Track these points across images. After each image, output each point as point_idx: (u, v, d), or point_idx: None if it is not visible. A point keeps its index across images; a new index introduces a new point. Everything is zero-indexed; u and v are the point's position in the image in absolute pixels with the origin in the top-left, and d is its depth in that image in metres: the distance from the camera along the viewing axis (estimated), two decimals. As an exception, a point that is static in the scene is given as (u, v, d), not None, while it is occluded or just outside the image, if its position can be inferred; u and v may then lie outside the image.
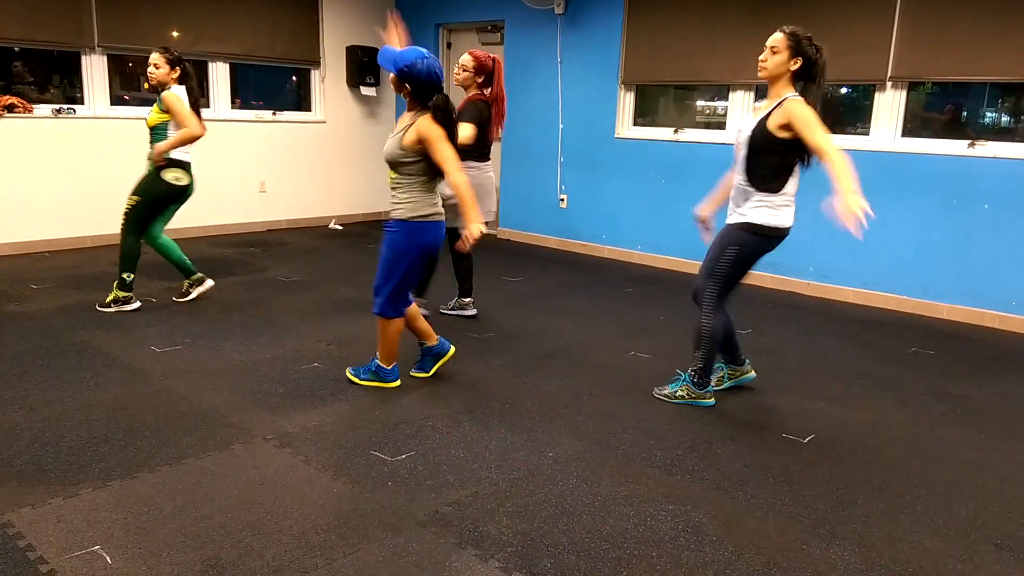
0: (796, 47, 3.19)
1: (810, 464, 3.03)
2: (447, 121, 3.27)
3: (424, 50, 3.27)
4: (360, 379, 3.67)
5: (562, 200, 7.37)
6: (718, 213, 3.64)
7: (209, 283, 4.99)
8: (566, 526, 2.51)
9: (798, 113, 3.12)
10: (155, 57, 4.52)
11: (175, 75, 4.55)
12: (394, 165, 3.36)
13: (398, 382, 3.65)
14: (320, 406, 3.40)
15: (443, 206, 4.19)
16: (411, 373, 3.78)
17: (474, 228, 3.24)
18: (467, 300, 4.92)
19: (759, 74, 3.31)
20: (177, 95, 4.49)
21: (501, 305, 5.15)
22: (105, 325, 4.42)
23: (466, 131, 4.44)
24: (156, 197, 4.61)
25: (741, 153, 3.33)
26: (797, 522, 2.59)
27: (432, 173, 3.36)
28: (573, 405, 3.53)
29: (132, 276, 4.70)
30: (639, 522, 2.55)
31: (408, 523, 2.49)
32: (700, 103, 6.87)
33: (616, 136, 6.92)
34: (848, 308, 5.51)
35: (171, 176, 4.56)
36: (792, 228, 3.39)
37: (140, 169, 4.66)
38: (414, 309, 3.64)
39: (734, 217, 3.38)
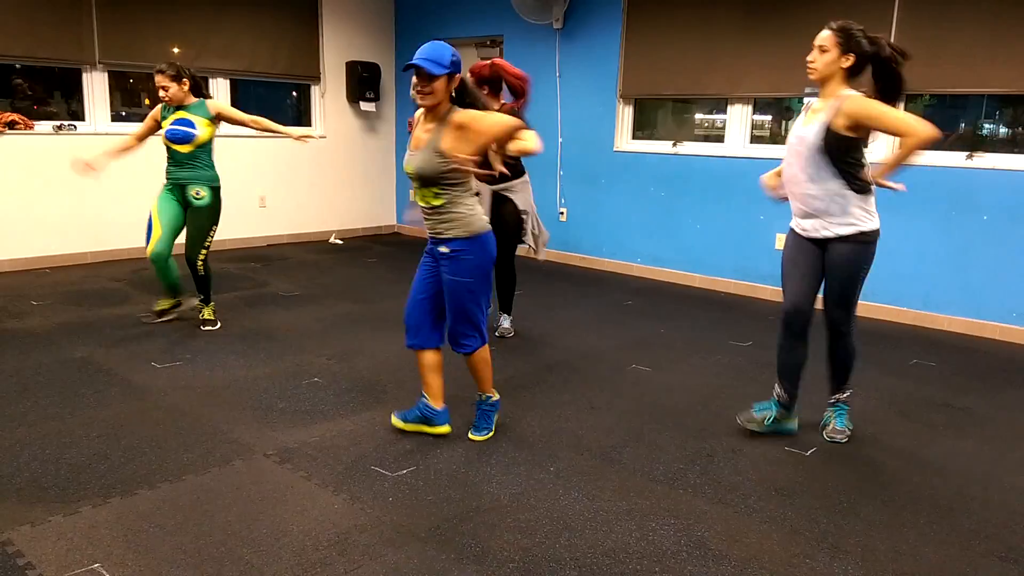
0: (847, 43, 2.97)
1: (813, 477, 3.02)
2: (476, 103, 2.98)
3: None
4: (481, 435, 3.26)
5: (562, 213, 7.38)
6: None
7: (192, 303, 4.90)
8: (568, 541, 2.50)
9: (862, 107, 2.91)
10: (160, 79, 4.40)
11: (186, 87, 4.47)
12: (433, 180, 2.95)
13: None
14: (321, 421, 3.39)
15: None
16: (392, 415, 3.36)
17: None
18: (505, 318, 4.85)
19: (809, 76, 3.07)
20: (216, 100, 4.50)
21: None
22: (106, 342, 4.42)
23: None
24: (218, 219, 4.71)
25: (812, 161, 3.05)
26: (800, 536, 2.58)
27: (470, 182, 3.04)
28: (574, 419, 3.52)
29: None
30: (641, 537, 2.54)
31: (409, 539, 2.48)
32: (699, 116, 6.89)
33: (615, 149, 6.94)
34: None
35: (221, 192, 4.68)
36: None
37: (140, 185, 4.66)
38: (438, 358, 3.25)
39: (838, 230, 3.10)
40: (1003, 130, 5.39)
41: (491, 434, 3.30)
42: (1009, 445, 3.40)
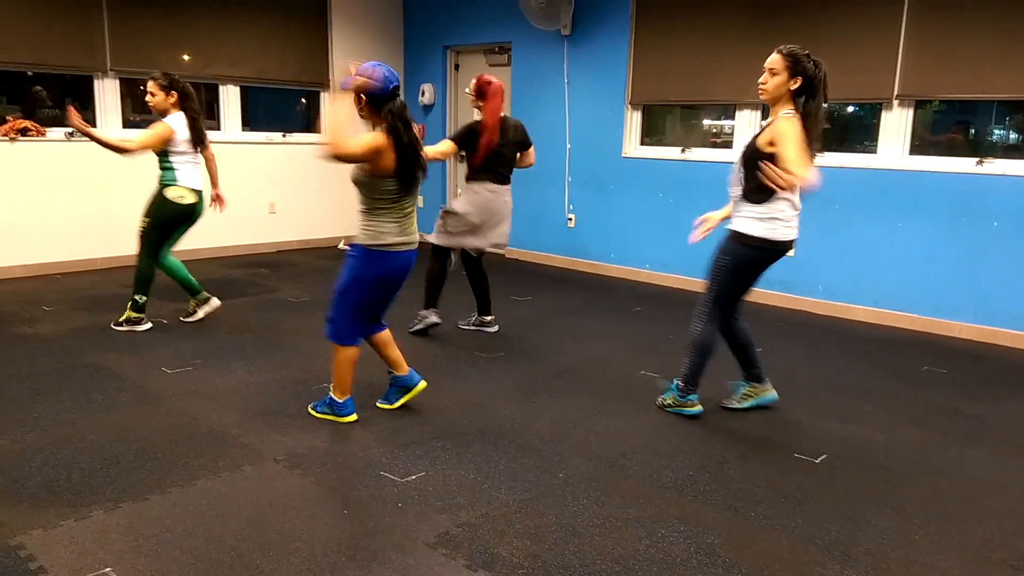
0: (794, 66, 3.22)
1: (823, 484, 3.01)
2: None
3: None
4: (317, 412, 3.54)
5: (570, 219, 7.39)
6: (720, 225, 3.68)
7: (216, 303, 5.02)
8: (577, 548, 2.49)
9: (780, 130, 3.19)
10: (149, 85, 4.58)
11: (172, 100, 4.58)
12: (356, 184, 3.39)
13: (353, 416, 3.47)
14: (330, 427, 3.40)
15: (454, 224, 4.21)
16: (376, 404, 3.64)
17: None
18: (488, 318, 4.98)
19: (760, 96, 3.35)
20: (168, 126, 4.51)
21: (510, 324, 5.15)
22: (117, 346, 4.44)
23: (439, 146, 4.49)
24: (164, 218, 4.65)
25: (735, 167, 3.43)
26: (810, 543, 2.57)
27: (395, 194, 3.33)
28: (583, 425, 3.52)
29: (145, 298, 4.74)
30: (651, 544, 2.53)
31: (418, 544, 2.48)
32: (707, 122, 6.89)
33: (623, 155, 6.94)
34: (858, 326, 5.49)
35: (174, 194, 4.61)
36: (794, 243, 3.42)
37: (150, 192, 4.70)
38: (386, 335, 3.56)
39: (730, 226, 3.47)
40: (1013, 136, 5.37)
41: (316, 414, 3.50)
42: (1021, 452, 3.38)
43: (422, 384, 3.62)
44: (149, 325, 4.78)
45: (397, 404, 3.62)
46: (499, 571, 2.35)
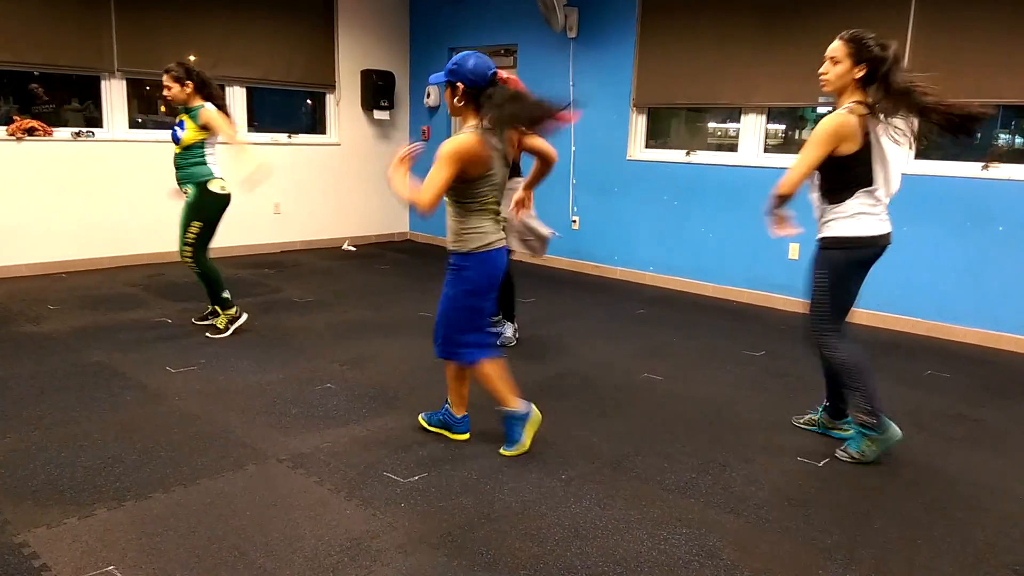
0: (858, 52, 2.94)
1: (826, 488, 3.00)
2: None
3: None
4: (515, 448, 3.18)
5: (574, 222, 7.39)
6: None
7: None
8: (579, 549, 2.49)
9: (816, 127, 2.99)
10: (164, 78, 4.50)
11: (188, 90, 4.50)
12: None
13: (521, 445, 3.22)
14: (333, 427, 3.41)
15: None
16: (420, 419, 3.44)
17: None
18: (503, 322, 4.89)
19: (823, 89, 3.08)
20: (211, 108, 4.45)
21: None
22: (121, 346, 4.45)
23: None
24: (214, 213, 4.61)
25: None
26: (813, 547, 2.57)
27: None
28: (586, 427, 3.52)
29: (227, 293, 4.74)
30: (653, 546, 2.53)
31: (421, 545, 2.48)
32: (712, 125, 6.89)
33: (628, 158, 6.94)
34: (862, 330, 5.47)
35: (216, 187, 4.58)
36: (890, 236, 3.22)
37: (157, 190, 4.70)
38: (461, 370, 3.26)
39: (819, 235, 3.19)
40: (1019, 140, 5.36)
41: (520, 449, 3.19)
42: (1025, 458, 3.37)
43: (463, 436, 3.32)
44: (244, 315, 4.81)
45: (432, 429, 3.37)
46: (501, 572, 2.35)
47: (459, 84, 2.88)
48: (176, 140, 4.56)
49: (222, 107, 4.58)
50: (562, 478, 3.00)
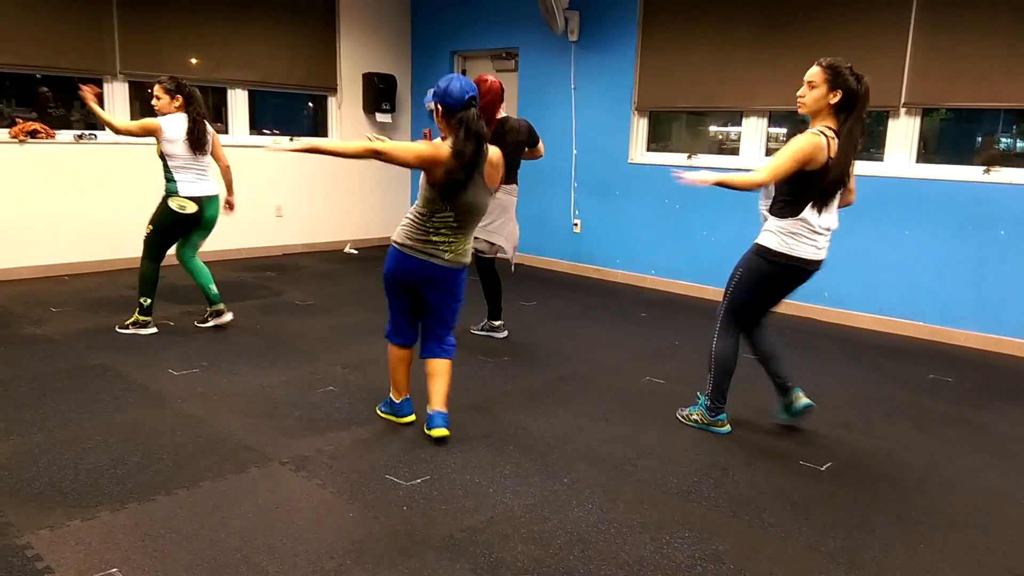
0: (834, 79, 3.10)
1: (828, 492, 3.00)
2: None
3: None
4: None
5: (575, 225, 7.40)
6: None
7: (228, 317, 4.99)
8: (582, 553, 2.50)
9: (792, 140, 3.14)
10: (155, 89, 4.63)
11: (177, 104, 4.61)
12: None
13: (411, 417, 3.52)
14: (335, 430, 3.41)
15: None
16: (378, 409, 3.63)
17: None
18: (498, 323, 4.99)
19: (799, 110, 3.23)
20: (155, 121, 4.54)
21: (515, 329, 5.15)
22: (124, 348, 4.46)
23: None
24: (166, 226, 4.69)
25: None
26: (815, 551, 2.57)
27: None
28: (588, 430, 3.52)
29: (150, 301, 4.75)
30: (655, 550, 2.53)
31: (423, 548, 2.49)
32: (713, 129, 6.90)
33: (629, 161, 6.95)
34: (864, 334, 5.48)
35: (175, 204, 4.64)
36: (820, 264, 3.32)
37: (159, 195, 4.72)
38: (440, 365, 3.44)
39: (757, 240, 3.40)
40: (1020, 144, 5.37)
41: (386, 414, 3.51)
42: (1027, 462, 3.37)
43: (411, 418, 3.52)
44: (154, 329, 4.79)
45: (382, 414, 3.57)
46: (503, 575, 2.35)
47: (439, 105, 3.09)
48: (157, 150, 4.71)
49: (195, 124, 4.60)
50: (564, 482, 3.00)
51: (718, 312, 3.51)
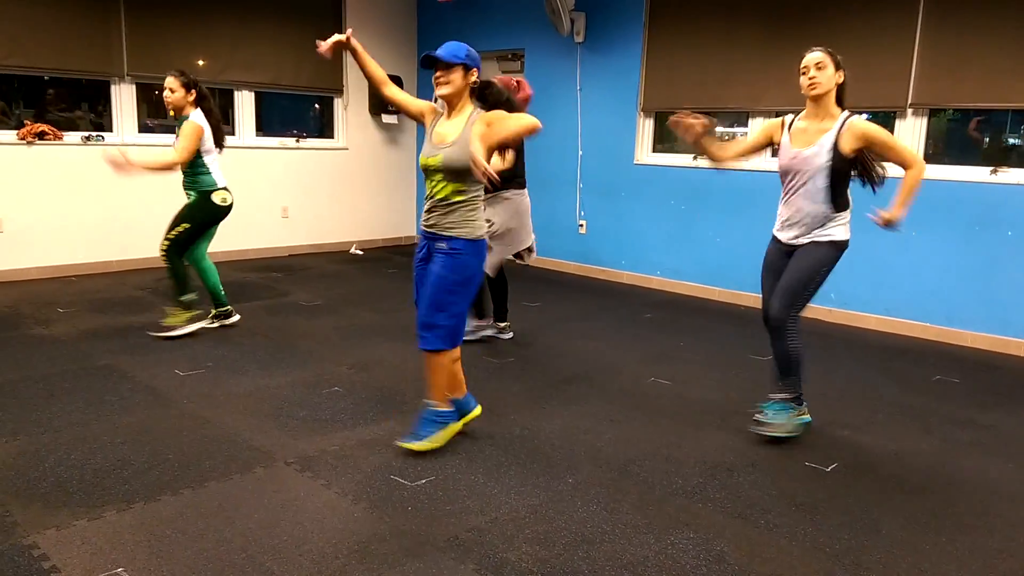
0: (836, 61, 3.17)
1: (834, 493, 2.99)
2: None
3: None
4: (421, 443, 3.16)
5: (581, 226, 7.39)
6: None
7: (235, 318, 5.02)
8: (586, 553, 2.49)
9: (875, 131, 3.15)
10: (169, 81, 4.52)
11: (191, 98, 4.54)
12: (462, 176, 3.00)
13: (459, 424, 3.34)
14: (341, 430, 3.42)
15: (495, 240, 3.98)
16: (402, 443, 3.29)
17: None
18: (503, 324, 4.99)
19: (812, 92, 3.19)
20: (197, 124, 4.48)
21: (520, 330, 5.15)
22: (130, 349, 4.47)
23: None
24: (207, 221, 4.68)
25: (815, 180, 3.24)
26: (821, 552, 2.56)
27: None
28: (593, 431, 3.52)
29: (192, 295, 4.74)
30: (660, 550, 2.53)
31: (428, 549, 2.49)
32: (720, 129, 6.88)
33: (635, 162, 6.94)
34: (870, 335, 5.46)
35: (219, 198, 4.64)
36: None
37: (167, 195, 4.73)
38: (455, 351, 3.25)
39: (815, 236, 3.32)
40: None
41: (426, 445, 3.16)
42: (1034, 463, 3.35)
43: (478, 410, 3.42)
44: (204, 323, 4.81)
45: (432, 445, 3.22)
46: (508, 576, 2.36)
47: (474, 70, 3.05)
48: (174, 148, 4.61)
49: (216, 124, 4.63)
50: (569, 482, 3.00)
51: (790, 313, 3.37)
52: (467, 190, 3.04)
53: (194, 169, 4.59)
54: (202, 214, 4.63)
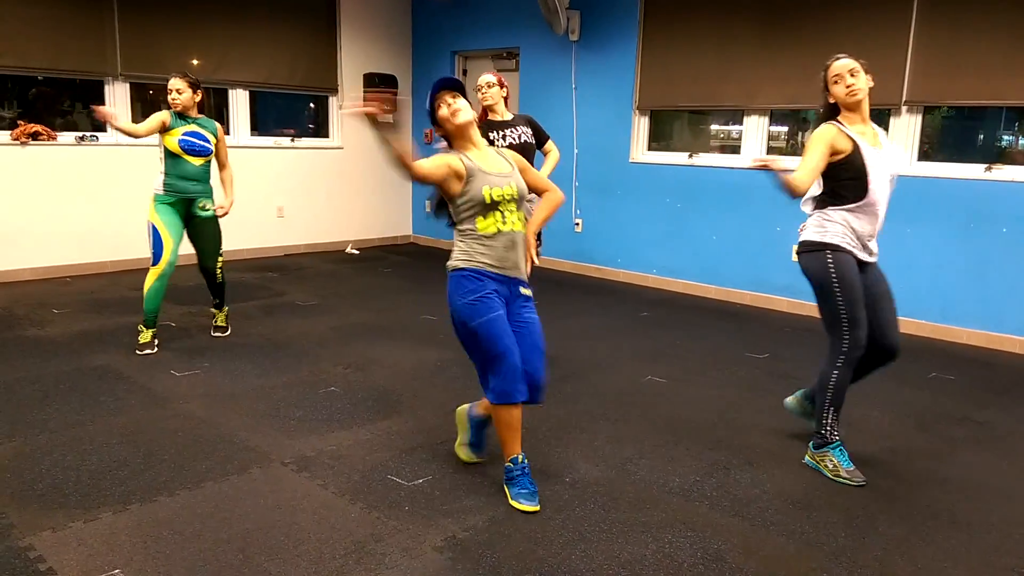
0: (866, 67, 3.06)
1: (830, 491, 3.00)
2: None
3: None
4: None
5: (577, 224, 7.40)
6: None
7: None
8: (583, 552, 2.50)
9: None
10: (176, 83, 4.41)
11: (198, 98, 4.50)
12: (521, 204, 2.84)
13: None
14: (337, 430, 3.41)
15: None
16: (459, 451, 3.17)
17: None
18: None
19: (856, 97, 3.01)
20: (166, 112, 4.43)
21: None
22: (125, 349, 4.46)
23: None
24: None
25: (889, 190, 3.08)
26: (817, 550, 2.57)
27: None
28: (589, 430, 3.52)
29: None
30: (657, 549, 2.53)
31: (425, 548, 2.49)
32: (714, 127, 6.90)
33: (631, 160, 6.95)
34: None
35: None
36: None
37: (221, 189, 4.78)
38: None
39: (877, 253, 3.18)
40: (1022, 142, 5.36)
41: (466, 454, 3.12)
42: (1029, 460, 3.36)
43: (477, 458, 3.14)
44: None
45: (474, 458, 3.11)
46: (505, 575, 2.35)
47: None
48: (204, 153, 4.50)
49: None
50: (566, 481, 3.00)
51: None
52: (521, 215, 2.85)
53: (208, 173, 4.60)
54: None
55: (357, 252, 8.20)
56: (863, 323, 3.09)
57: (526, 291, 2.86)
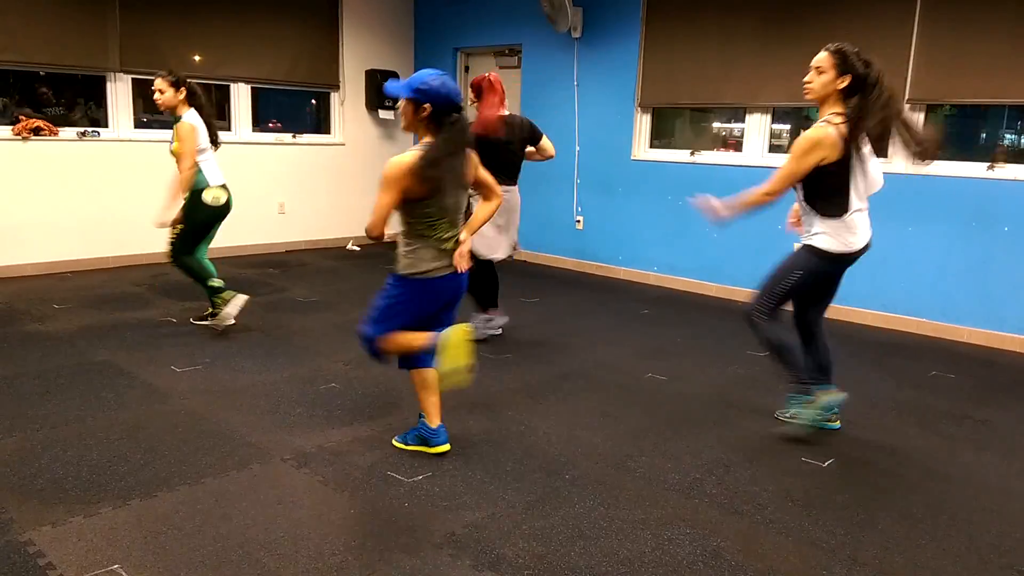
0: (842, 64, 3.06)
1: (830, 489, 3.00)
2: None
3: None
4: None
5: (578, 222, 7.39)
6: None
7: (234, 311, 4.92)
8: (583, 549, 2.50)
9: (798, 140, 3.12)
10: (158, 82, 4.51)
11: (182, 96, 4.53)
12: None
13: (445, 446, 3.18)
14: (337, 426, 3.42)
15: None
16: (393, 440, 3.26)
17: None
18: (496, 311, 4.95)
19: (806, 96, 3.18)
20: (190, 124, 4.47)
21: (517, 326, 5.15)
22: (126, 345, 4.47)
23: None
24: (201, 222, 4.65)
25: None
26: (817, 548, 2.57)
27: None
28: (589, 427, 3.52)
29: (218, 281, 4.75)
30: (657, 546, 2.53)
31: (424, 545, 2.49)
32: (716, 125, 6.89)
33: (632, 158, 6.94)
34: (867, 331, 5.47)
35: (210, 197, 4.59)
36: (867, 245, 3.46)
37: (162, 190, 4.71)
38: (432, 375, 3.11)
39: (804, 239, 3.39)
40: (1025, 141, 5.35)
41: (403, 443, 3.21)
42: (1030, 459, 3.36)
43: (444, 448, 3.16)
44: (242, 296, 4.79)
45: (409, 448, 3.20)
46: (505, 572, 2.35)
47: (426, 105, 2.90)
48: (171, 148, 4.61)
49: (208, 120, 4.62)
50: (565, 478, 3.00)
51: (759, 306, 3.54)
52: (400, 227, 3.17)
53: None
54: (196, 213, 4.60)
55: (358, 249, 8.20)
56: (779, 315, 3.42)
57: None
